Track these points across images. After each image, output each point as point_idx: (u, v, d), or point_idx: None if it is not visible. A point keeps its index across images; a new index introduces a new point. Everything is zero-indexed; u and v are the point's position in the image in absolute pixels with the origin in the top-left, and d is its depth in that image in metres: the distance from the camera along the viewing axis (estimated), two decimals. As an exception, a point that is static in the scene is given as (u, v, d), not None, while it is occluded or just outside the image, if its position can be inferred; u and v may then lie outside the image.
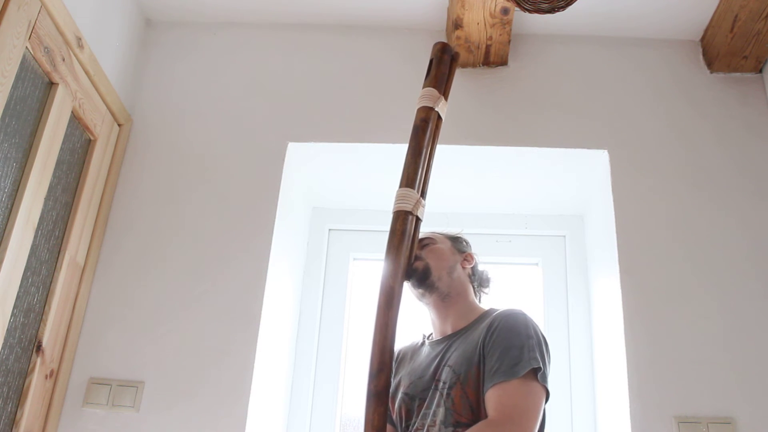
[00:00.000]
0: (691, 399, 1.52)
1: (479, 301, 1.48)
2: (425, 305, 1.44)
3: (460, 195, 2.06)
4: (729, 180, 1.75)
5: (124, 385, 1.59)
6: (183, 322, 1.64)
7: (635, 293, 1.63)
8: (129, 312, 1.66)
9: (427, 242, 1.44)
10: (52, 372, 1.55)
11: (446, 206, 2.07)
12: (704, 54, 1.91)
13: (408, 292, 1.38)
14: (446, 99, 1.40)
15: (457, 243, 1.49)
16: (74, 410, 1.57)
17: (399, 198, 1.29)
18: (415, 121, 1.35)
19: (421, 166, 1.32)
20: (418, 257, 1.38)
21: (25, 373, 1.47)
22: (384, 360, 1.17)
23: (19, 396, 1.46)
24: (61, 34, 1.52)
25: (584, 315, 1.96)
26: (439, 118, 1.38)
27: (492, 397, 1.18)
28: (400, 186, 1.30)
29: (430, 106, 1.36)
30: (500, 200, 2.08)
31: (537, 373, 1.19)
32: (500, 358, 1.21)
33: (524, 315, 1.29)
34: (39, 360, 1.50)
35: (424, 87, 1.39)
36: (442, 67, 1.40)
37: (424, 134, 1.34)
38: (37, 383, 1.49)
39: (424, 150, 1.33)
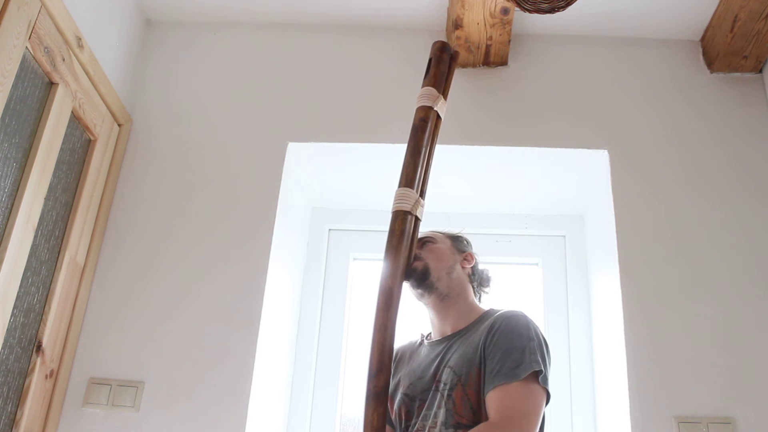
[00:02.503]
0: (691, 399, 1.52)
1: (479, 300, 1.47)
2: (424, 305, 1.44)
3: (460, 195, 2.06)
4: (729, 180, 1.75)
5: (124, 385, 1.59)
6: (183, 321, 1.64)
7: (635, 293, 1.63)
8: (129, 312, 1.66)
9: (426, 242, 1.43)
10: (52, 372, 1.55)
11: (446, 206, 2.07)
12: (704, 54, 1.91)
13: (407, 292, 1.38)
14: (445, 98, 1.40)
15: (457, 242, 1.48)
16: (74, 410, 1.58)
17: (398, 198, 1.29)
18: (414, 121, 1.35)
19: (420, 166, 1.32)
20: (417, 257, 1.37)
21: (25, 373, 1.47)
22: (383, 360, 1.17)
23: (19, 396, 1.46)
24: (61, 34, 1.52)
25: (584, 315, 1.95)
26: (439, 117, 1.38)
27: (493, 400, 1.18)
28: (399, 186, 1.30)
29: (429, 105, 1.36)
30: (500, 200, 2.08)
31: (538, 376, 1.19)
32: (501, 360, 1.20)
33: (525, 317, 1.29)
34: (39, 360, 1.50)
35: (423, 86, 1.39)
36: (442, 66, 1.40)
37: (423, 134, 1.33)
38: (37, 383, 1.49)
39: (423, 149, 1.33)
